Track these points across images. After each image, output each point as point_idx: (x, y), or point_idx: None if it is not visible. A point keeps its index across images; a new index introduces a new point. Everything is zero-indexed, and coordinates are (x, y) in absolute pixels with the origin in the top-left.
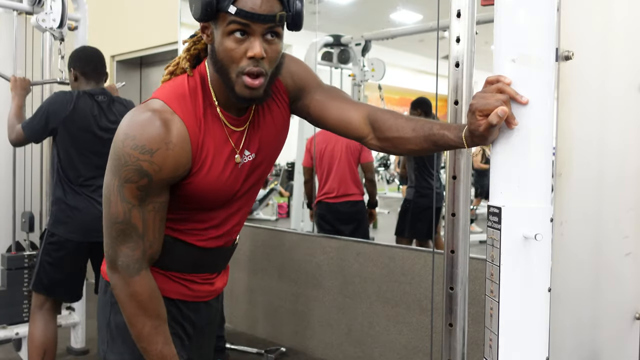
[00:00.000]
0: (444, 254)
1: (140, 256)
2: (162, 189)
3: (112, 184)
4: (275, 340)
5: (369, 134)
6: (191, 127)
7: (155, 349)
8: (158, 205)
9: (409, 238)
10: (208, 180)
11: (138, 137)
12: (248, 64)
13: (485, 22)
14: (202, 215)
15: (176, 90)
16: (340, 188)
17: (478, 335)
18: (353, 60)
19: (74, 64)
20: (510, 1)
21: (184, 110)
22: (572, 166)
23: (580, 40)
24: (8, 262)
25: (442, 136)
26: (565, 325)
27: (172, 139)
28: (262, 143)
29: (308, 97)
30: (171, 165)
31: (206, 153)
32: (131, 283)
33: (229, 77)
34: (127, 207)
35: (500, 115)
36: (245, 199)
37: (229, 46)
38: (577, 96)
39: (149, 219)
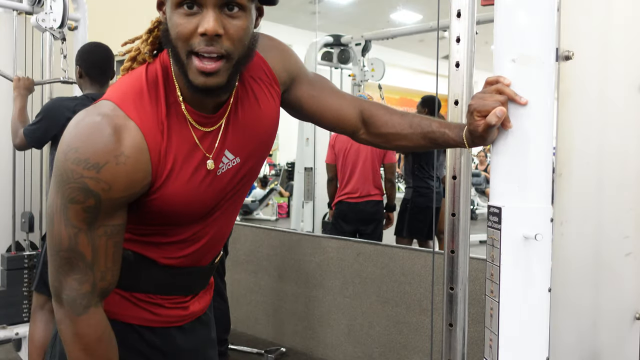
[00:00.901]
0: (444, 254)
1: (88, 290)
2: (114, 210)
3: (55, 203)
4: (276, 341)
5: (360, 129)
6: (150, 133)
7: None
8: (111, 229)
9: (407, 237)
10: (176, 194)
11: (82, 148)
12: (200, 42)
13: (485, 22)
14: (170, 230)
15: (132, 86)
16: (364, 188)
17: (478, 335)
18: (353, 60)
19: (81, 62)
20: (510, 1)
21: (140, 112)
22: (572, 166)
23: (580, 40)
24: (8, 263)
25: (442, 134)
26: (565, 325)
27: (123, 150)
28: (250, 142)
29: (300, 89)
30: (123, 182)
31: (172, 163)
32: (77, 322)
33: (181, 60)
34: (73, 232)
35: (498, 115)
36: (225, 209)
37: (177, 21)
38: (577, 96)
39: (99, 245)
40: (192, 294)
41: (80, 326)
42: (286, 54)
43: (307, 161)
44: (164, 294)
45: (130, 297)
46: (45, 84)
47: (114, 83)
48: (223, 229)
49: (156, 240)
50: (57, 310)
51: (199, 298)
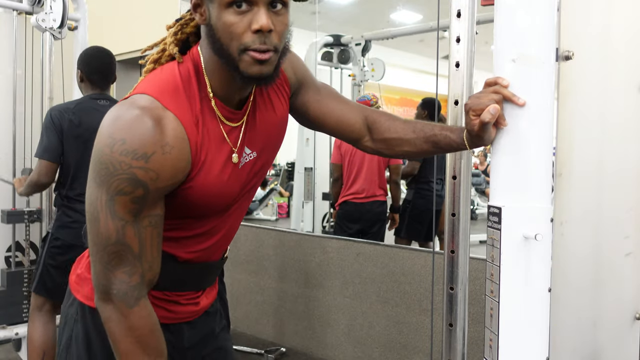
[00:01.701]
0: (444, 254)
1: (138, 281)
2: (158, 200)
3: (99, 198)
4: (276, 341)
5: (365, 136)
6: (188, 124)
7: None
8: (155, 219)
9: (405, 238)
10: (207, 185)
11: (129, 140)
12: (253, 40)
13: (485, 22)
14: (191, 224)
15: (167, 82)
16: (370, 188)
17: (478, 335)
18: (353, 60)
19: (82, 67)
20: (510, 1)
21: (178, 105)
22: (572, 166)
23: (580, 40)
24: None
25: (444, 137)
26: (566, 325)
27: (168, 140)
28: (263, 140)
29: (307, 94)
30: (169, 171)
31: (205, 154)
32: (129, 315)
33: (231, 56)
34: (120, 225)
35: (491, 112)
36: (240, 203)
37: (229, 20)
38: (577, 96)
39: (145, 236)
40: (202, 290)
41: (133, 319)
42: (295, 59)
43: (307, 161)
44: (179, 290)
45: (148, 296)
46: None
47: (141, 80)
48: (235, 224)
49: (177, 235)
50: (104, 308)
51: (207, 293)
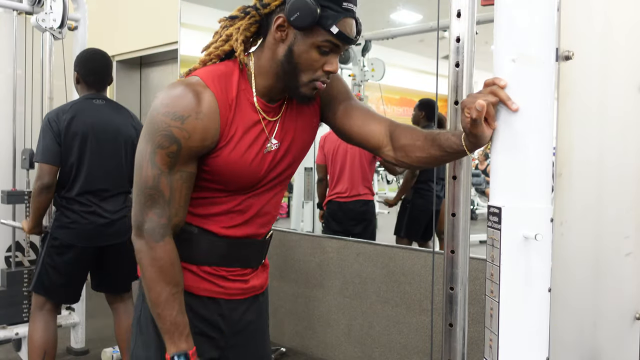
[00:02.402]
0: (444, 254)
1: (165, 222)
2: (189, 159)
3: (145, 150)
4: (276, 341)
5: (387, 145)
6: (222, 102)
7: (170, 315)
8: (185, 175)
9: (404, 238)
10: (233, 158)
11: (171, 105)
12: (323, 76)
13: (485, 22)
14: (224, 198)
15: (215, 70)
16: (353, 187)
17: (478, 335)
18: (353, 60)
19: (79, 68)
20: (510, 1)
21: (217, 87)
22: (572, 166)
23: (580, 40)
24: (8, 198)
25: (446, 139)
26: (565, 325)
27: (202, 109)
28: (288, 136)
29: (337, 106)
30: (200, 133)
31: (234, 131)
32: (155, 248)
33: (299, 79)
34: (157, 173)
35: (477, 109)
36: (269, 190)
37: (314, 57)
38: (577, 96)
39: (176, 187)
40: (251, 268)
41: (157, 251)
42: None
43: (307, 161)
44: (226, 265)
45: (199, 271)
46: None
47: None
48: (266, 209)
49: (210, 211)
50: (137, 241)
51: (257, 274)
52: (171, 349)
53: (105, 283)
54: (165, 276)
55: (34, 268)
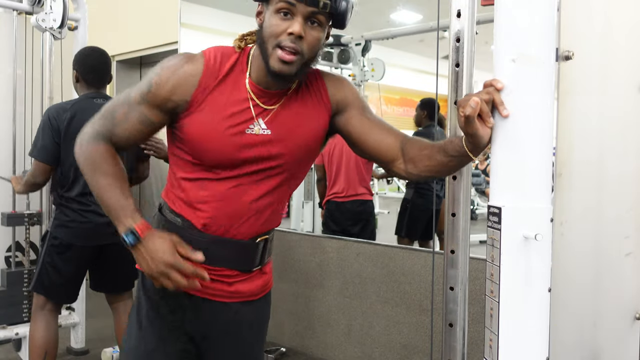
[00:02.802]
0: (444, 254)
1: (103, 131)
2: (155, 107)
3: (129, 90)
4: (276, 341)
5: (399, 158)
6: (208, 71)
7: (109, 200)
8: (144, 118)
9: (405, 237)
10: (206, 121)
11: (164, 62)
12: (285, 40)
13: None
14: (209, 182)
15: (223, 48)
16: (350, 187)
17: (478, 335)
18: (353, 60)
19: (77, 67)
20: (510, 1)
21: (212, 58)
22: (572, 166)
23: (580, 40)
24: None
25: (450, 142)
26: (566, 325)
27: (184, 68)
28: (282, 128)
29: (351, 113)
30: (170, 85)
31: (214, 100)
32: (84, 147)
33: (267, 50)
34: (122, 104)
35: (472, 106)
36: (255, 182)
37: (273, 22)
38: (577, 96)
39: (129, 119)
40: (238, 271)
41: (85, 150)
42: (344, 84)
43: None
44: (208, 263)
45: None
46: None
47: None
48: (253, 206)
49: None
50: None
51: (248, 280)
52: (120, 229)
53: (104, 282)
54: (99, 169)
55: (34, 268)
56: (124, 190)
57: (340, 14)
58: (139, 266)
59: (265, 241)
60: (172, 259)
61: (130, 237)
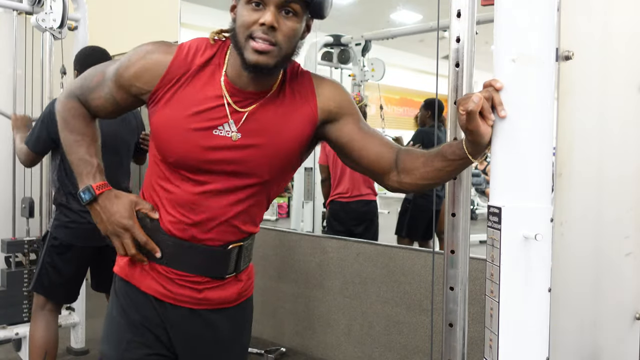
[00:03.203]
0: (444, 254)
1: (77, 93)
2: (120, 87)
3: (112, 61)
4: (275, 341)
5: (393, 170)
6: (177, 62)
7: (75, 156)
8: (109, 96)
9: (406, 237)
10: (172, 114)
11: (141, 45)
12: (257, 30)
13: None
14: (171, 185)
15: (200, 39)
16: (355, 187)
17: (478, 335)
18: (353, 60)
19: (78, 67)
20: (510, 1)
21: (184, 50)
22: (572, 166)
23: (580, 40)
24: (8, 247)
25: (449, 146)
26: (566, 325)
27: (153, 56)
28: (256, 133)
29: (343, 122)
30: (136, 69)
31: (180, 95)
32: (62, 103)
33: (240, 42)
34: (101, 71)
35: (475, 101)
36: (224, 192)
37: (244, 13)
38: (577, 96)
39: (98, 91)
40: (208, 278)
41: (60, 105)
42: (338, 91)
43: (307, 161)
44: (175, 267)
45: (150, 269)
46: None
47: None
48: (221, 212)
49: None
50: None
51: (219, 287)
52: (80, 186)
53: (105, 283)
54: (68, 125)
55: (34, 268)
56: (89, 149)
57: (316, 3)
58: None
59: (239, 248)
60: (127, 222)
61: (86, 194)
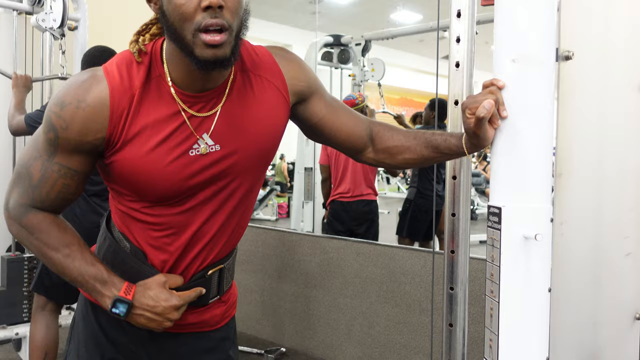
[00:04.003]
0: (444, 254)
1: (26, 203)
2: (71, 152)
3: (36, 133)
4: (275, 341)
5: (368, 147)
6: (117, 95)
7: (76, 275)
8: (65, 170)
9: (407, 237)
10: (139, 158)
11: (61, 90)
12: (204, 17)
13: (485, 22)
14: (154, 218)
15: (122, 56)
16: (356, 187)
17: (478, 335)
18: (353, 60)
19: (84, 66)
20: (510, 1)
21: (115, 76)
22: (572, 166)
23: (580, 40)
24: (8, 265)
25: (444, 140)
26: (565, 325)
27: (87, 99)
28: (234, 135)
29: (317, 103)
30: (79, 126)
31: (140, 127)
32: (23, 224)
33: (185, 40)
34: (34, 156)
35: (486, 107)
36: (205, 202)
37: (178, 2)
38: (577, 96)
39: (49, 177)
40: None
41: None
42: (304, 69)
43: (307, 161)
44: None
45: None
46: (45, 81)
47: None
48: (195, 238)
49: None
50: (7, 220)
51: (202, 311)
52: (103, 303)
53: None
54: (45, 245)
55: (34, 263)
56: (84, 255)
57: None
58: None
59: (220, 271)
60: (177, 301)
61: (121, 308)
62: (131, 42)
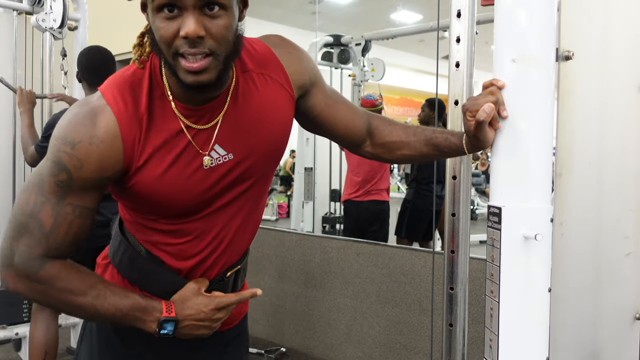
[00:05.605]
0: (444, 254)
1: (40, 254)
2: (86, 191)
3: (35, 176)
4: (276, 341)
5: (366, 141)
6: (126, 120)
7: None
8: (79, 210)
9: (405, 238)
10: (157, 182)
11: (64, 128)
12: (182, 45)
13: (485, 22)
14: (173, 226)
15: (121, 77)
16: (368, 186)
17: (478, 335)
18: (353, 60)
19: (79, 66)
20: (510, 1)
21: (119, 102)
22: (572, 166)
23: (580, 40)
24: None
25: (445, 139)
26: (566, 325)
27: (97, 133)
28: (244, 140)
29: (317, 95)
30: (95, 163)
31: (151, 151)
32: (41, 278)
33: (168, 62)
34: (40, 201)
35: (486, 111)
36: (224, 208)
37: (159, 25)
38: (577, 96)
39: (62, 221)
40: None
41: (46, 279)
42: (304, 60)
43: (307, 161)
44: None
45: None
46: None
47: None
48: (227, 224)
49: (167, 241)
50: (10, 280)
51: None
52: (149, 328)
53: None
54: (70, 294)
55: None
56: (114, 290)
57: None
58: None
59: (237, 272)
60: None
61: (168, 327)
62: (134, 45)
